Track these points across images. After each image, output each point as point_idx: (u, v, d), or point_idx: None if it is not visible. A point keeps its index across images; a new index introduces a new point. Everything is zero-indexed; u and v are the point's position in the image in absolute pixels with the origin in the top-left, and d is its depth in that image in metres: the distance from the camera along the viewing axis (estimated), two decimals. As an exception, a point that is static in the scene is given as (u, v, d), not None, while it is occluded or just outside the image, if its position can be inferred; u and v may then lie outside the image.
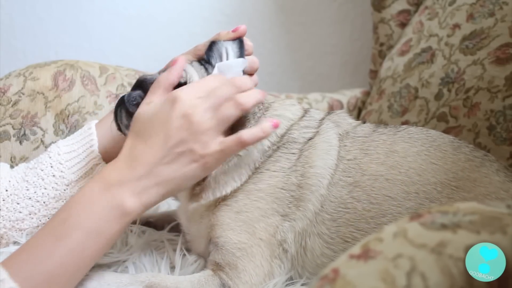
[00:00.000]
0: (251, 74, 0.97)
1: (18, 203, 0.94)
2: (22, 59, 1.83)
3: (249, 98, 0.85)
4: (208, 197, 0.92)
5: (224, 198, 0.92)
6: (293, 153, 0.92)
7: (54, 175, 0.96)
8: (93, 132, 1.01)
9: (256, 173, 0.91)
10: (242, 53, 0.95)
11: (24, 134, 1.24)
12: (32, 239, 0.76)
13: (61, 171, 0.97)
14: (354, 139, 0.94)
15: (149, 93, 0.87)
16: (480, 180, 0.86)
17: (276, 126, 0.87)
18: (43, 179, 0.96)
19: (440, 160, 0.89)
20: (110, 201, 0.78)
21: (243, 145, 0.84)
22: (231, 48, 0.94)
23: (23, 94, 1.26)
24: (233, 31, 0.95)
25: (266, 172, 0.91)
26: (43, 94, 1.28)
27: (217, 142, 0.82)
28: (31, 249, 0.74)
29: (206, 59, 0.95)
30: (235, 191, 0.91)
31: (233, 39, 0.95)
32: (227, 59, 0.93)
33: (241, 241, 0.89)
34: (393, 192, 0.87)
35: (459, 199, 0.85)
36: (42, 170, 0.96)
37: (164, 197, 0.83)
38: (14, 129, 1.24)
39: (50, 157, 0.98)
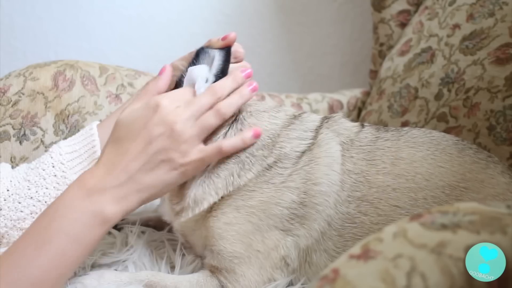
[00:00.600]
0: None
1: (19, 203, 0.94)
2: (22, 59, 1.83)
3: (229, 107, 0.87)
4: (187, 215, 0.91)
5: (210, 211, 0.90)
6: (285, 168, 0.89)
7: (55, 175, 0.96)
8: (95, 133, 1.02)
9: (245, 190, 0.88)
10: (227, 62, 0.93)
11: (24, 134, 1.24)
12: (15, 245, 0.76)
13: (63, 171, 0.97)
14: (359, 148, 0.91)
15: (135, 100, 0.88)
16: (488, 181, 0.86)
17: (257, 136, 0.88)
18: (44, 179, 0.96)
19: (447, 163, 0.88)
20: (91, 208, 0.78)
21: (223, 154, 0.86)
22: (217, 57, 0.92)
23: (23, 94, 1.26)
24: (223, 39, 0.94)
25: (257, 189, 0.88)
26: (43, 94, 1.28)
27: (197, 151, 0.84)
28: (14, 255, 0.74)
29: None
30: (220, 205, 0.89)
31: (223, 47, 0.93)
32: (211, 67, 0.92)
33: (236, 251, 0.88)
34: (401, 201, 0.85)
35: (468, 200, 0.84)
36: (43, 170, 0.97)
37: (143, 202, 0.84)
38: (14, 129, 1.24)
39: (51, 157, 0.98)
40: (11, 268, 0.73)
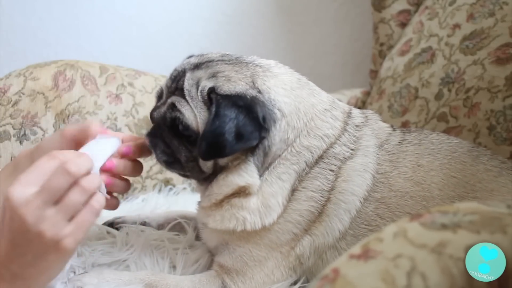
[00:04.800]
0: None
1: None
2: (22, 59, 1.82)
3: (91, 182, 0.74)
4: (216, 226, 0.90)
5: None
6: (332, 170, 0.88)
7: None
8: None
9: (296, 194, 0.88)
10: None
11: (24, 134, 1.24)
12: None
13: None
14: (386, 151, 0.92)
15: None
16: (498, 189, 0.87)
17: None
18: None
19: (459, 172, 0.88)
20: None
21: (97, 214, 0.75)
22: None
23: (23, 94, 1.26)
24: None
25: (303, 190, 0.87)
26: (43, 94, 1.28)
27: (66, 227, 0.72)
28: None
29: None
30: None
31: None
32: None
33: (260, 255, 0.88)
34: (414, 209, 0.86)
35: None
36: None
37: None
38: (14, 129, 1.24)
39: None
40: None
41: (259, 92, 0.83)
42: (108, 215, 1.15)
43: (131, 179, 0.91)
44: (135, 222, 1.09)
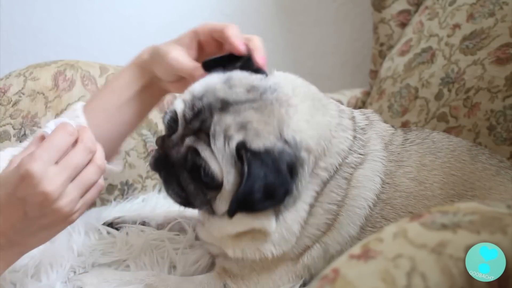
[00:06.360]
0: None
1: None
2: (22, 59, 1.82)
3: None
4: (236, 256, 0.89)
5: None
6: (345, 178, 0.87)
7: None
8: (80, 114, 1.00)
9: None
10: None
11: (24, 134, 1.24)
12: None
13: None
14: (391, 152, 0.91)
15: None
16: (496, 188, 0.87)
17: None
18: None
19: (459, 171, 0.89)
20: None
21: (100, 191, 0.80)
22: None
23: (23, 94, 1.26)
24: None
25: (320, 205, 0.86)
26: (43, 94, 1.28)
27: (79, 203, 0.77)
28: None
29: None
30: None
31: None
32: None
33: (270, 263, 0.87)
34: (417, 209, 0.86)
35: None
36: None
37: (27, 252, 0.81)
38: (14, 129, 1.24)
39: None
40: None
41: (286, 142, 0.80)
42: (108, 215, 1.15)
43: (130, 179, 0.91)
44: (135, 222, 1.09)
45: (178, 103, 0.84)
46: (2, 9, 1.80)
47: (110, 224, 1.10)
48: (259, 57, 0.89)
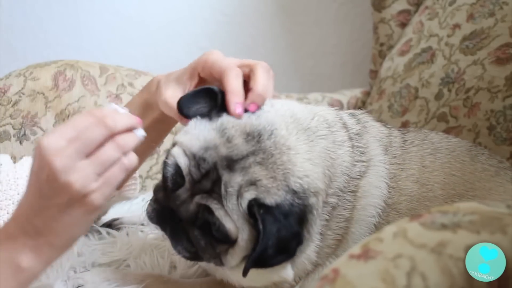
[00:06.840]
0: None
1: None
2: (22, 59, 1.82)
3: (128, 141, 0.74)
4: None
5: None
6: (352, 191, 0.86)
7: None
8: None
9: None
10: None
11: (24, 134, 1.24)
12: None
13: None
14: (392, 155, 0.91)
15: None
16: (495, 189, 0.87)
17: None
18: None
19: (459, 171, 0.89)
20: (4, 256, 0.73)
21: (127, 172, 0.74)
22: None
23: (23, 94, 1.26)
24: None
25: (329, 226, 0.86)
26: (43, 94, 1.28)
27: (95, 182, 0.70)
28: None
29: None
30: None
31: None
32: None
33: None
34: (419, 211, 0.85)
35: None
36: None
37: (63, 249, 0.76)
38: (14, 129, 1.24)
39: None
40: None
41: (295, 192, 0.79)
42: (106, 217, 1.15)
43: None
44: (134, 223, 1.09)
45: (179, 156, 0.81)
46: (2, 9, 1.80)
47: (109, 226, 1.10)
48: (248, 105, 0.83)
